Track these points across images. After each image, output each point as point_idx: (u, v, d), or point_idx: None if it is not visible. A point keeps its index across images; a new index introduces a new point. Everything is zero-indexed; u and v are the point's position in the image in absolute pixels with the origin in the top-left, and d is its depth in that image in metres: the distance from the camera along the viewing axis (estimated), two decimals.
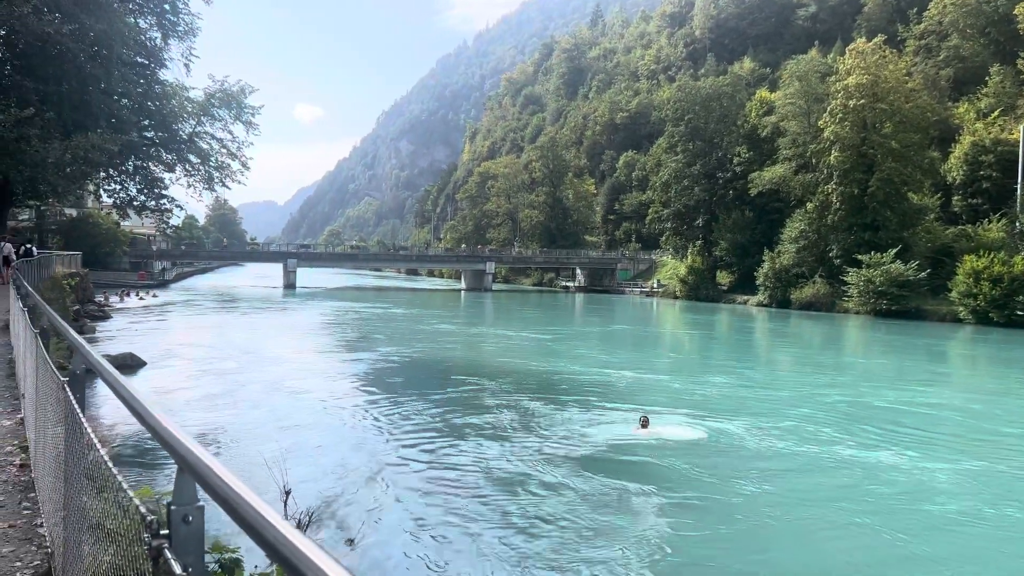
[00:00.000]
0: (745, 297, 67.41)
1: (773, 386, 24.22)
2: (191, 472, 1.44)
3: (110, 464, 2.23)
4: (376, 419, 17.04)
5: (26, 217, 60.24)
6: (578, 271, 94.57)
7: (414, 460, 13.65)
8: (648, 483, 12.17)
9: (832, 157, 58.75)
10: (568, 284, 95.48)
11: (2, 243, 23.66)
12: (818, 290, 59.06)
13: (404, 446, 14.62)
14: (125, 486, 1.97)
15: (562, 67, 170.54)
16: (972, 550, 10.23)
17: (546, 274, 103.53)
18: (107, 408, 12.10)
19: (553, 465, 13.16)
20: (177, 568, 1.44)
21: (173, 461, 1.70)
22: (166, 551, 1.51)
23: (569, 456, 13.76)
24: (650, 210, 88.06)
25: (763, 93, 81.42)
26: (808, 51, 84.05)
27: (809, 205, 62.14)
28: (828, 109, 59.94)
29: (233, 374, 22.79)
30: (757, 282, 64.85)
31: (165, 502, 1.61)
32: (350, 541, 9.69)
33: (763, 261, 63.92)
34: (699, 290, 71.74)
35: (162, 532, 1.55)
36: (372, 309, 52.81)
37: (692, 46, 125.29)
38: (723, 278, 74.20)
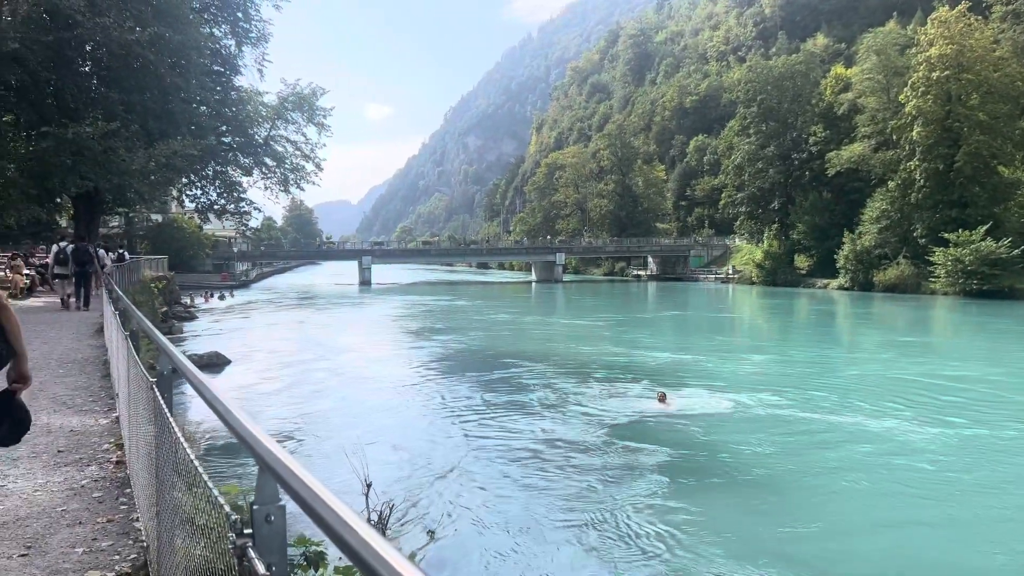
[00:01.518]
0: (825, 281, 65.44)
1: (833, 365, 24.01)
2: (271, 472, 1.46)
3: (196, 463, 2.29)
4: (449, 408, 17.40)
5: (116, 224, 63.08)
6: (650, 259, 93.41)
7: (486, 444, 14.00)
8: (664, 452, 13.24)
9: (915, 132, 56.34)
10: (640, 273, 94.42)
11: (98, 249, 24.78)
12: (902, 272, 56.84)
13: (476, 432, 14.99)
14: (211, 485, 2.01)
15: (628, 53, 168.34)
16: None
17: (617, 263, 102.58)
18: (195, 406, 12.54)
19: (603, 443, 13.51)
20: (260, 568, 1.45)
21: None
22: (250, 550, 1.53)
23: (619, 434, 14.04)
24: (723, 194, 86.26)
25: (838, 69, 78.67)
26: (886, 23, 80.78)
27: (891, 183, 59.79)
28: (909, 83, 57.44)
29: (313, 368, 23.45)
30: (837, 265, 62.83)
31: (248, 501, 1.63)
32: (431, 533, 9.81)
33: (843, 243, 61.86)
34: (776, 275, 70.00)
35: (246, 531, 1.57)
36: (445, 303, 53.40)
37: (762, 25, 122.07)
38: (801, 262, 72.15)
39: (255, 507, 1.54)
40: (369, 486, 9.75)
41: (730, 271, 79.11)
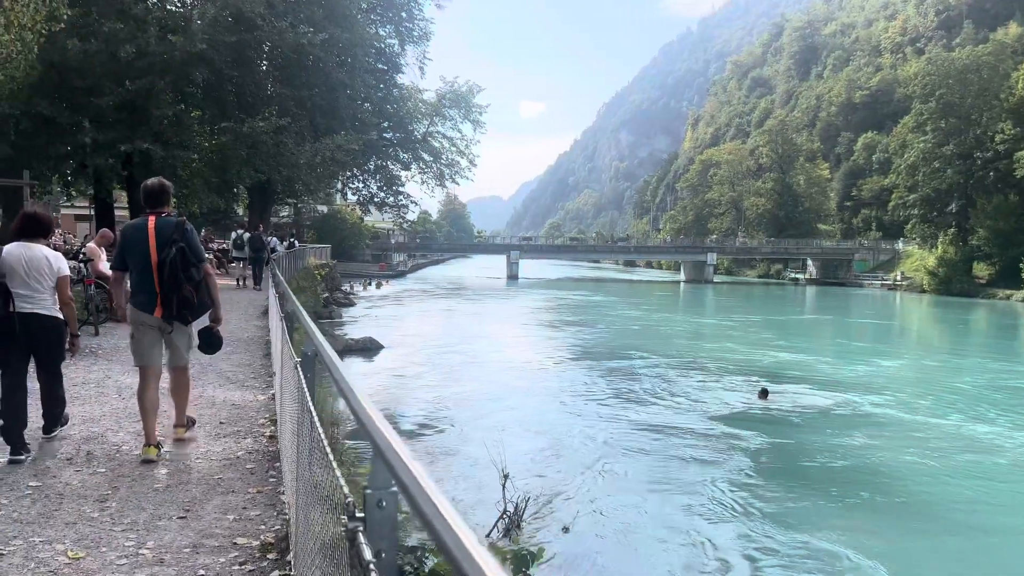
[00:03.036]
0: (1008, 292, 59.65)
1: (988, 379, 22.14)
2: (381, 457, 1.43)
3: (324, 441, 2.33)
4: (591, 401, 17.58)
5: (286, 213, 67.50)
6: (809, 262, 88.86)
7: (622, 440, 14.08)
8: (761, 443, 14.05)
9: None
10: (798, 276, 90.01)
11: (268, 237, 26.65)
12: None
13: (613, 427, 15.17)
14: (334, 464, 2.03)
15: (793, 46, 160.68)
16: None
17: (773, 265, 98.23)
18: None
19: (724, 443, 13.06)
20: (367, 553, 1.43)
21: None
22: (360, 534, 1.51)
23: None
24: (893, 195, 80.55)
25: None
26: None
27: None
28: None
29: (459, 357, 24.15)
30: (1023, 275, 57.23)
31: (362, 485, 1.62)
32: (566, 528, 9.77)
33: None
34: (951, 283, 64.55)
35: (358, 515, 1.55)
36: (592, 300, 53.19)
37: (945, 14, 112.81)
38: (980, 270, 66.20)
39: (367, 491, 1.52)
40: (506, 476, 9.84)
41: (898, 277, 73.87)
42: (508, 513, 9.46)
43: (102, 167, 22.96)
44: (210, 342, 6.32)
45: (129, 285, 5.86)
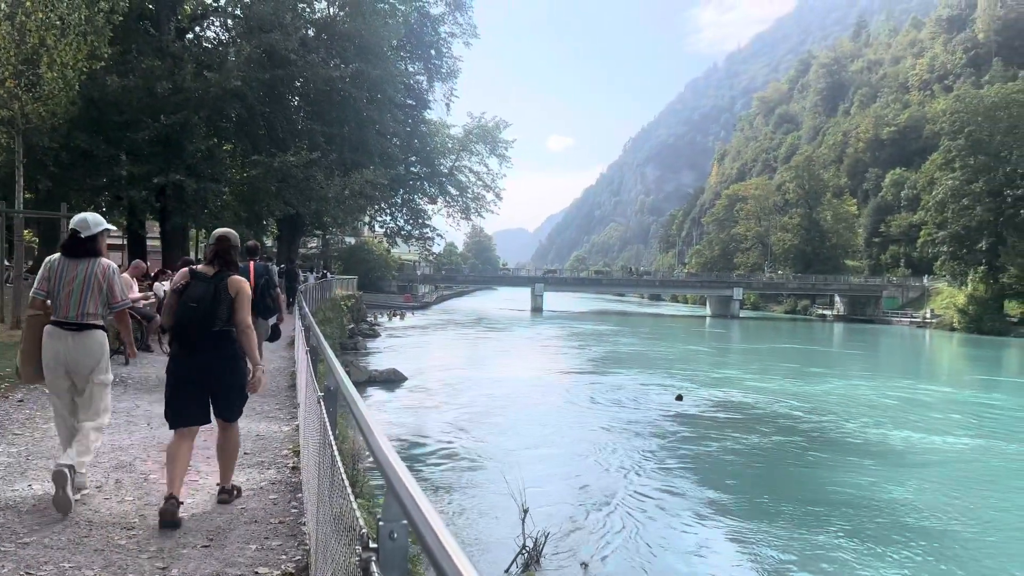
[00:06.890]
0: None
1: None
2: (392, 491, 1.53)
3: (343, 474, 2.43)
4: (613, 435, 17.55)
5: (314, 245, 68.33)
6: (837, 298, 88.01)
7: (643, 475, 13.96)
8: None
9: None
10: (825, 312, 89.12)
11: (298, 269, 27.06)
12: None
13: (635, 462, 15.01)
14: (351, 496, 2.13)
15: (820, 83, 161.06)
16: None
17: (800, 301, 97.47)
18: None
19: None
20: None
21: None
22: (373, 564, 1.61)
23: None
24: (922, 232, 79.84)
25: None
26: None
27: None
28: None
29: (482, 389, 24.16)
30: None
31: (377, 517, 1.72)
32: (584, 565, 9.74)
33: None
34: (982, 322, 63.53)
35: (371, 545, 1.65)
36: (617, 335, 52.99)
37: (974, 51, 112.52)
38: (1013, 309, 65.09)
39: (380, 523, 1.62)
40: (526, 511, 9.84)
41: (928, 315, 72.87)
42: (527, 549, 9.45)
43: (136, 199, 23.46)
44: (275, 333, 10.60)
45: None
